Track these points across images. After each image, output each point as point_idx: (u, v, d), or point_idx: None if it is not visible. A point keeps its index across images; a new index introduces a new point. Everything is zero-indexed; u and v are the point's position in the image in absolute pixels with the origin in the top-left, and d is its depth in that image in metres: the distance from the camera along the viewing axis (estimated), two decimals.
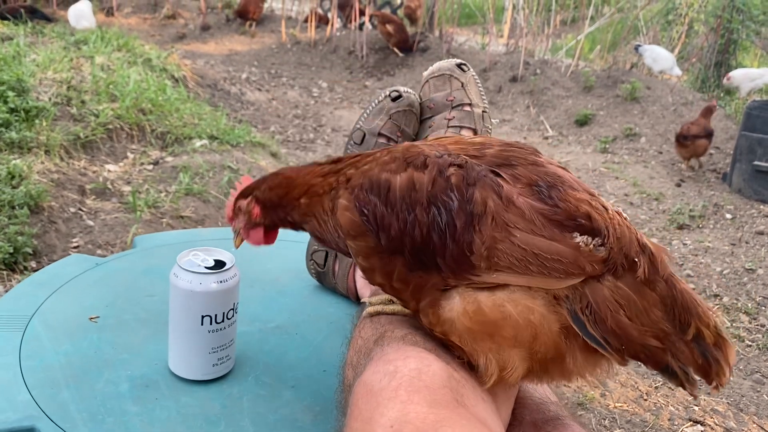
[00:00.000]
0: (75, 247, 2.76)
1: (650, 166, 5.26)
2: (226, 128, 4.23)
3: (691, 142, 4.92)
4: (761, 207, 4.45)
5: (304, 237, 1.63)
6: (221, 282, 1.03)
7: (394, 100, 1.32)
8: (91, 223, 2.94)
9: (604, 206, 0.78)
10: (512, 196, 0.76)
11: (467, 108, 1.31)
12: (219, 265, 1.05)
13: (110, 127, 3.68)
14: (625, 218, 0.79)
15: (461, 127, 1.29)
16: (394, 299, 0.93)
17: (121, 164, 3.56)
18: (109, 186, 3.27)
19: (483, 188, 0.76)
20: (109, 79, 4.07)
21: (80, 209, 3.02)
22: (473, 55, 7.24)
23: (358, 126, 1.34)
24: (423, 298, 0.81)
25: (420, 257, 0.78)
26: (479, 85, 1.37)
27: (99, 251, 2.75)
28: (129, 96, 3.92)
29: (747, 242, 3.93)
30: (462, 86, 1.33)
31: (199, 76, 5.69)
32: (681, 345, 0.75)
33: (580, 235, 0.75)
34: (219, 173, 3.58)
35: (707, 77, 7.29)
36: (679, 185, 4.85)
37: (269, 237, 1.02)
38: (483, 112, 1.33)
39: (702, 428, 2.27)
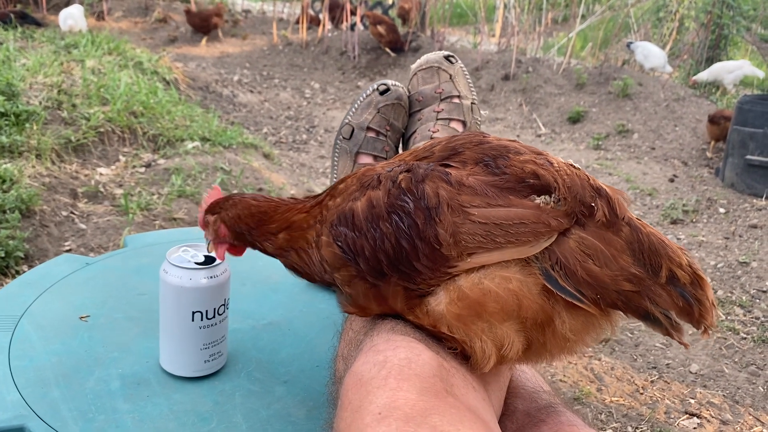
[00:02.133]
0: (67, 251, 2.75)
1: (643, 161, 5.27)
2: (218, 130, 4.22)
3: (724, 122, 5.10)
4: (754, 201, 4.46)
5: None
6: (211, 277, 1.02)
7: (382, 93, 1.31)
8: (83, 226, 2.93)
9: (549, 161, 0.79)
10: (462, 178, 0.78)
11: (456, 100, 1.31)
12: (209, 260, 1.04)
13: (102, 130, 3.67)
14: (576, 167, 0.79)
15: (450, 120, 1.29)
16: None
17: (113, 167, 3.54)
18: (101, 189, 3.26)
19: (432, 181, 0.78)
20: (100, 83, 4.05)
21: (72, 213, 3.01)
22: (465, 54, 7.25)
23: (346, 121, 1.33)
24: (394, 303, 0.82)
25: (398, 268, 0.79)
26: (467, 76, 1.36)
27: (91, 254, 2.74)
28: (120, 99, 3.90)
29: (740, 236, 3.94)
30: (450, 78, 1.33)
31: (190, 78, 5.68)
32: (657, 289, 0.75)
33: (538, 196, 0.76)
34: (211, 175, 3.57)
35: (698, 73, 7.30)
36: (672, 180, 4.86)
37: (237, 250, 1.02)
38: (472, 103, 1.32)
39: (698, 421, 2.27)
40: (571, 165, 0.79)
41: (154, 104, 4.10)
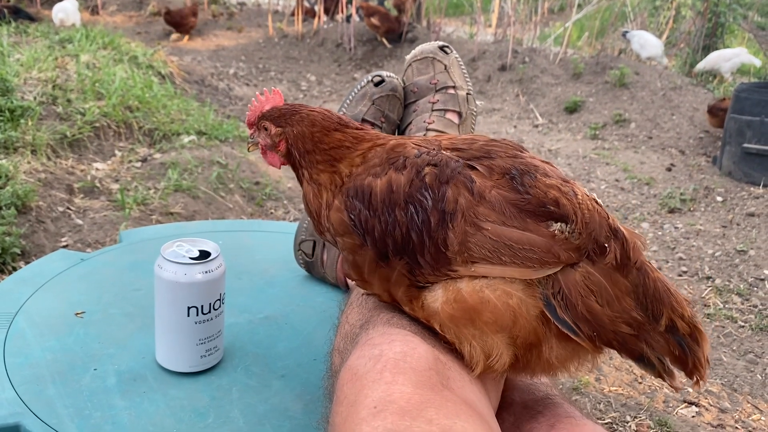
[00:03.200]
0: (64, 246, 2.74)
1: (640, 151, 5.26)
2: (214, 123, 4.21)
3: (722, 114, 5.12)
4: (751, 189, 4.46)
5: (291, 228, 1.62)
6: (206, 272, 1.02)
7: (376, 85, 1.31)
8: (79, 221, 2.92)
9: (574, 191, 0.77)
10: (484, 190, 0.77)
11: (451, 91, 1.30)
12: (204, 255, 1.04)
13: (97, 125, 3.65)
14: (599, 203, 0.78)
15: (446, 111, 1.28)
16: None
17: (108, 162, 3.53)
18: (98, 184, 3.24)
19: (455, 185, 0.78)
20: (95, 77, 4.03)
21: (68, 208, 3.00)
22: (461, 45, 7.23)
23: (341, 113, 1.32)
24: (395, 290, 0.82)
25: (402, 256, 0.80)
26: (462, 67, 1.35)
27: (88, 250, 2.73)
28: (115, 94, 3.89)
29: (738, 224, 3.94)
30: (445, 69, 1.32)
31: (186, 72, 5.65)
32: (655, 334, 0.75)
33: (555, 222, 0.75)
34: (208, 169, 3.55)
35: (695, 62, 7.29)
36: (669, 169, 4.85)
37: (280, 162, 0.99)
38: (467, 94, 1.32)
39: (696, 409, 2.27)
40: (595, 200, 0.79)
41: (149, 98, 4.08)
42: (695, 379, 0.77)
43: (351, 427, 0.62)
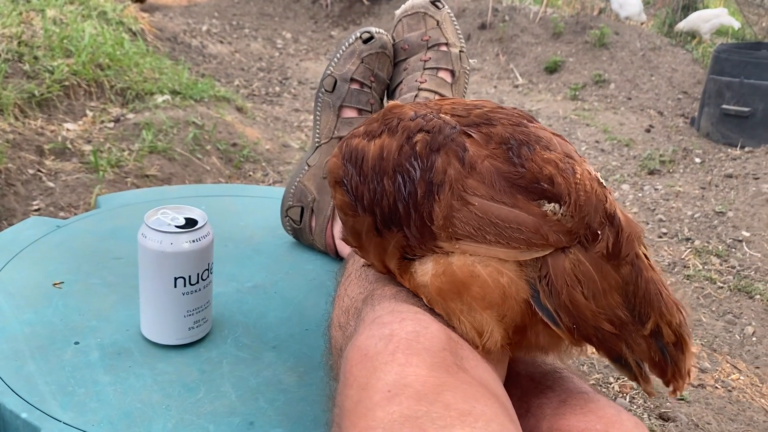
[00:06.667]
0: (36, 210, 2.65)
1: (620, 112, 5.25)
2: (188, 83, 4.08)
3: None
4: (729, 150, 4.49)
5: (277, 193, 1.57)
6: (194, 241, 0.96)
7: (365, 42, 1.24)
8: (51, 184, 2.82)
9: (573, 169, 0.70)
10: (476, 160, 0.70)
11: (444, 48, 1.25)
12: (190, 223, 0.98)
13: (66, 83, 3.51)
14: (601, 185, 0.71)
15: (438, 69, 1.23)
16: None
17: (80, 122, 3.41)
18: (69, 145, 3.13)
19: (445, 154, 0.71)
20: (63, 34, 3.87)
21: (39, 170, 2.89)
22: None
23: (328, 72, 1.26)
24: (389, 261, 0.78)
25: (390, 228, 0.75)
26: (455, 23, 1.30)
27: (62, 213, 2.65)
28: (85, 51, 3.74)
29: (716, 185, 3.96)
30: (437, 24, 1.26)
31: (157, 29, 5.47)
32: (638, 337, 0.69)
33: (548, 202, 0.69)
34: (183, 129, 3.45)
35: (674, 21, 7.26)
36: (648, 131, 4.86)
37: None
38: (460, 51, 1.26)
39: None
40: (597, 180, 0.71)
41: (120, 56, 3.94)
42: (672, 388, 0.72)
43: (363, 412, 0.59)
